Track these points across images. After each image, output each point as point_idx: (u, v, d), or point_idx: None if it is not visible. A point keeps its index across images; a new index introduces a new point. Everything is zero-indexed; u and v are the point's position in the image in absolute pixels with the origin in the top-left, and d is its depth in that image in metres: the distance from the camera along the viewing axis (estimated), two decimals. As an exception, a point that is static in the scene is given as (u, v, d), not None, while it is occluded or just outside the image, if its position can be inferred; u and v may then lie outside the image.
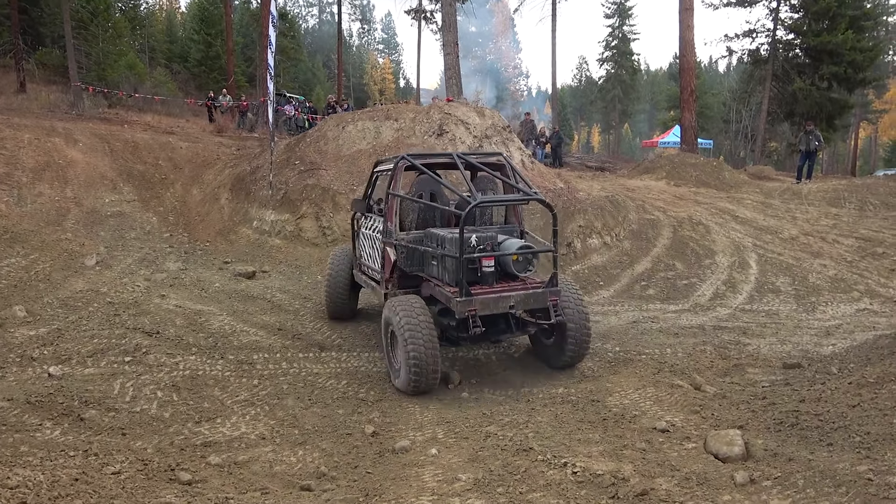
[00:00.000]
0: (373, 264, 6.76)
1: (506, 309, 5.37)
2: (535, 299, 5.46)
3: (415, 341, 5.21)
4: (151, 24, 45.66)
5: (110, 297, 7.75)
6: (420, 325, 5.27)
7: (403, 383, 5.44)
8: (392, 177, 6.13)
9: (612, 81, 52.70)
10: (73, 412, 4.85)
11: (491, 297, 5.32)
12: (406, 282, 6.20)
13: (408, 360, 5.24)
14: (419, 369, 5.24)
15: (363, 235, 7.13)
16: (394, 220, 6.15)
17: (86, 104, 23.13)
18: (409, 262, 6.10)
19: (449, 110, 12.05)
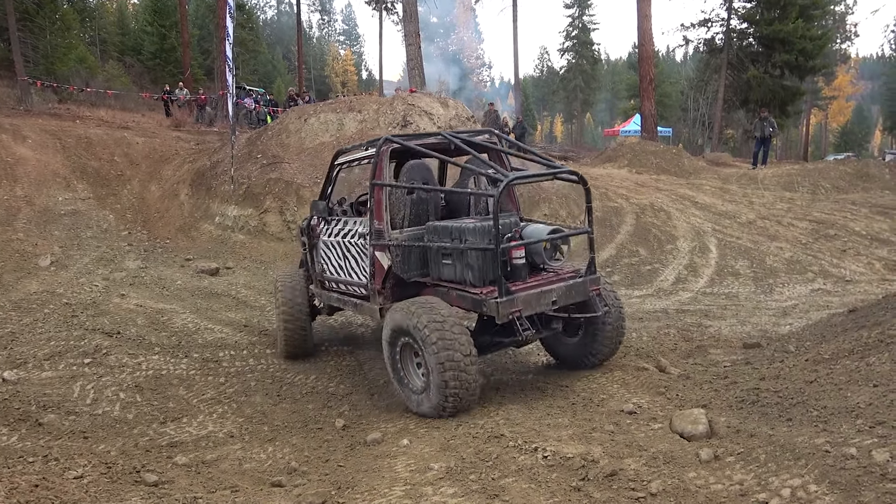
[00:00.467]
0: (350, 277, 5.56)
1: (548, 306, 4.54)
2: (576, 291, 4.70)
3: (451, 352, 4.13)
4: (102, 15, 44.23)
5: (67, 297, 7.53)
6: (453, 329, 4.21)
7: (435, 405, 4.27)
8: (376, 164, 5.02)
9: (573, 71, 53.14)
10: (31, 417, 4.71)
11: (533, 293, 4.44)
12: (402, 291, 5.08)
13: (443, 375, 4.12)
14: (460, 389, 4.16)
15: (326, 245, 5.93)
16: (384, 217, 5.01)
17: (34, 99, 22.31)
18: (406, 267, 5.01)
19: (413, 101, 11.99)
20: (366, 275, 5.26)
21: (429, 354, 4.20)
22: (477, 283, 4.54)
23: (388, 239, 5.01)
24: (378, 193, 5.02)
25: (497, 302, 4.26)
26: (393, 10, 29.92)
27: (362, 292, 5.41)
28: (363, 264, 5.31)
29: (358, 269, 5.42)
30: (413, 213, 5.24)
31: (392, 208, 5.15)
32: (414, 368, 4.60)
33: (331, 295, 6.00)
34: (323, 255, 6.04)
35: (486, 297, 4.36)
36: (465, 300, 4.58)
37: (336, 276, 5.83)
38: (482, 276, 4.52)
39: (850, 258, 10.23)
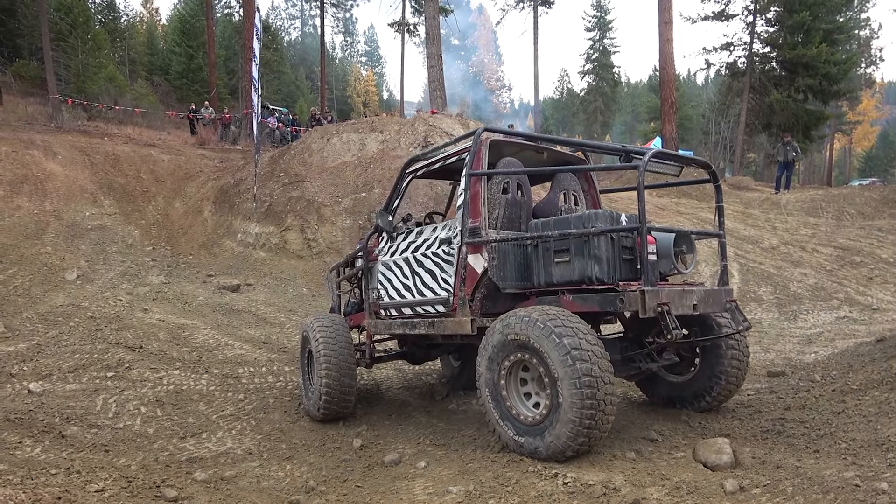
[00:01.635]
0: (423, 295, 4.74)
1: (689, 309, 3.78)
2: (715, 300, 3.99)
3: (590, 373, 3.33)
4: (132, 36, 45.32)
5: (91, 311, 7.64)
6: (587, 342, 3.42)
7: (559, 445, 3.43)
8: (475, 154, 4.33)
9: (593, 94, 53.27)
10: (55, 429, 4.76)
11: (676, 289, 3.72)
12: (493, 305, 4.35)
13: (581, 405, 3.30)
14: (595, 418, 3.35)
15: (387, 265, 5.18)
16: (482, 211, 4.26)
17: (65, 117, 22.87)
18: (504, 273, 4.24)
19: (434, 122, 12.09)
20: (447, 286, 4.48)
21: (562, 369, 3.36)
22: (605, 278, 3.77)
23: (486, 236, 4.23)
24: (475, 185, 4.29)
25: (643, 290, 3.47)
26: (415, 33, 30.34)
27: (440, 309, 4.55)
28: (444, 275, 4.54)
29: (435, 283, 4.62)
30: (506, 216, 4.44)
31: (488, 206, 4.38)
32: (524, 398, 3.79)
33: (391, 323, 5.14)
34: (381, 279, 5.26)
35: (624, 289, 3.58)
36: (587, 301, 3.77)
37: (400, 299, 5.01)
38: (613, 269, 3.79)
39: (876, 286, 10.05)
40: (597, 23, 54.05)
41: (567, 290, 3.90)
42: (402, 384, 6.30)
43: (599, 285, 3.76)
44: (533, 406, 3.71)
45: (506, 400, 3.78)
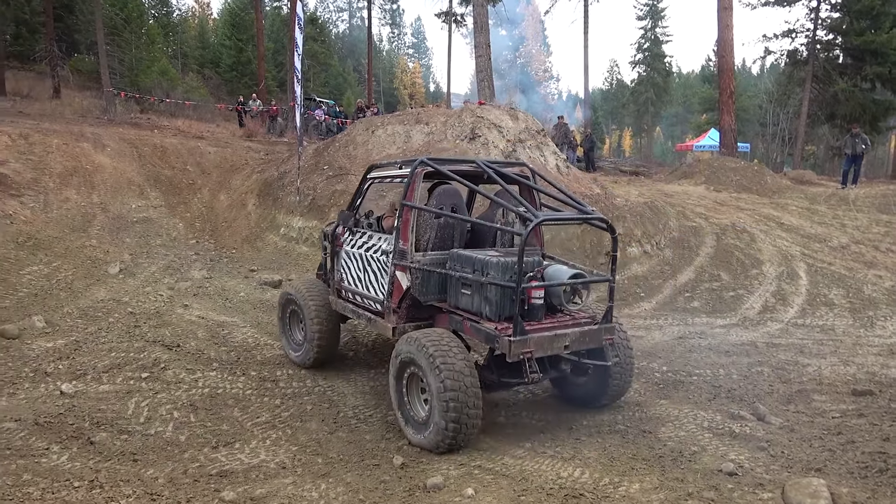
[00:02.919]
0: (367, 291, 5.50)
1: (560, 350, 4.45)
2: (590, 338, 4.58)
3: (455, 388, 4.15)
4: (184, 30, 46.20)
5: (132, 306, 7.52)
6: (461, 367, 4.24)
7: (434, 440, 4.31)
8: (408, 185, 4.98)
9: (644, 84, 51.72)
10: (84, 435, 4.56)
11: (546, 335, 4.36)
12: (416, 313, 5.13)
13: (446, 412, 4.15)
14: (460, 422, 4.17)
15: (348, 255, 5.86)
16: (409, 238, 4.96)
17: (118, 109, 23.28)
18: (424, 290, 4.99)
19: (481, 113, 11.65)
20: (383, 291, 5.25)
21: (436, 390, 4.24)
22: (493, 317, 4.51)
23: (410, 260, 4.98)
24: (407, 214, 4.97)
25: (510, 340, 4.20)
26: (462, 23, 29.82)
27: (377, 308, 5.38)
28: (382, 280, 5.29)
29: (376, 284, 5.39)
30: (438, 237, 5.19)
31: (418, 230, 5.10)
32: (418, 402, 4.66)
33: (346, 305, 5.92)
34: (343, 265, 5.98)
35: (500, 333, 4.32)
36: (479, 333, 4.56)
37: (354, 287, 5.79)
38: (499, 311, 4.50)
39: (965, 291, 9.18)
40: (648, 11, 52.42)
41: (467, 317, 4.67)
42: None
43: (489, 322, 4.48)
44: (423, 407, 4.57)
45: (406, 402, 4.70)
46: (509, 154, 11.42)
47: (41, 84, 27.07)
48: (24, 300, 7.41)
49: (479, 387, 4.29)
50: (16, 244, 8.44)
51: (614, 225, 10.48)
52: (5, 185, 10.35)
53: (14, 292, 7.51)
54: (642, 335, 7.73)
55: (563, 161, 12.59)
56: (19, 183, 10.83)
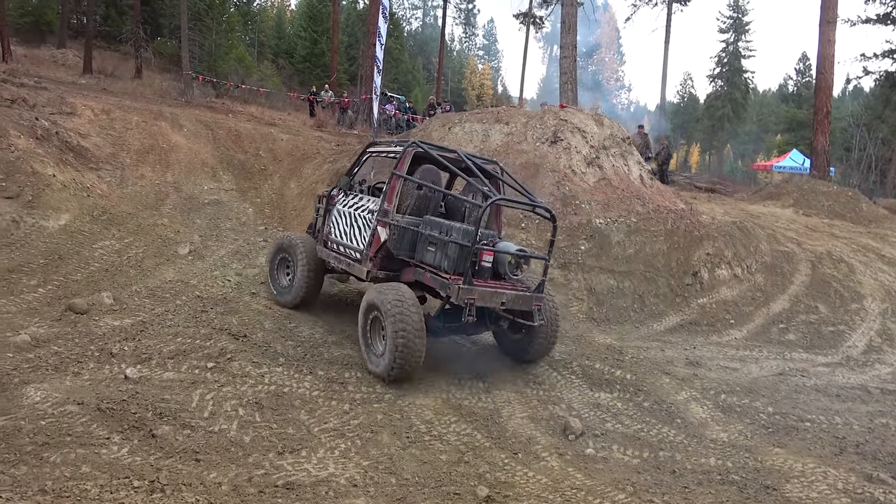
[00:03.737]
0: (350, 242, 6.65)
1: (497, 304, 5.60)
2: (523, 301, 5.73)
3: (404, 328, 5.25)
4: (262, 19, 47.09)
5: (199, 290, 7.29)
6: (410, 312, 5.33)
7: (385, 369, 5.43)
8: (400, 159, 6.20)
9: (721, 99, 49.81)
10: (146, 426, 4.26)
11: (489, 290, 5.53)
12: (389, 264, 6.26)
13: (395, 346, 5.28)
14: (405, 356, 5.30)
15: (339, 212, 6.99)
16: (394, 201, 6.15)
17: (195, 92, 23.73)
18: (398, 245, 6.14)
19: (565, 116, 11.07)
20: (365, 243, 6.35)
21: (389, 330, 5.31)
22: (450, 270, 5.59)
23: (391, 218, 6.09)
24: (395, 182, 6.16)
25: (460, 288, 5.34)
26: (540, 26, 29.19)
27: (357, 256, 6.46)
28: (365, 234, 6.39)
29: (360, 237, 6.49)
30: (416, 205, 6.34)
31: (401, 196, 6.23)
32: (378, 338, 5.67)
33: (330, 253, 6.94)
34: (334, 221, 7.05)
35: (452, 282, 5.42)
36: (436, 281, 5.65)
37: (339, 239, 6.86)
38: (455, 266, 5.57)
39: None
40: (732, 24, 50.51)
41: (429, 269, 5.76)
42: (526, 413, 5.42)
43: (446, 274, 5.56)
44: (383, 341, 5.50)
45: (370, 339, 5.75)
46: (592, 161, 10.82)
47: (125, 64, 27.91)
48: (95, 275, 7.28)
49: (424, 331, 5.37)
50: (91, 217, 8.37)
51: (704, 244, 9.80)
52: (85, 157, 10.42)
53: (86, 266, 7.41)
54: (737, 367, 7.04)
55: (648, 172, 11.89)
56: (98, 157, 10.89)
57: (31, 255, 7.31)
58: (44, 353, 5.24)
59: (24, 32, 29.33)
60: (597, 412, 5.53)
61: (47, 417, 4.16)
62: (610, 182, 10.65)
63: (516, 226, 9.58)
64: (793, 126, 43.50)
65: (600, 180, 10.64)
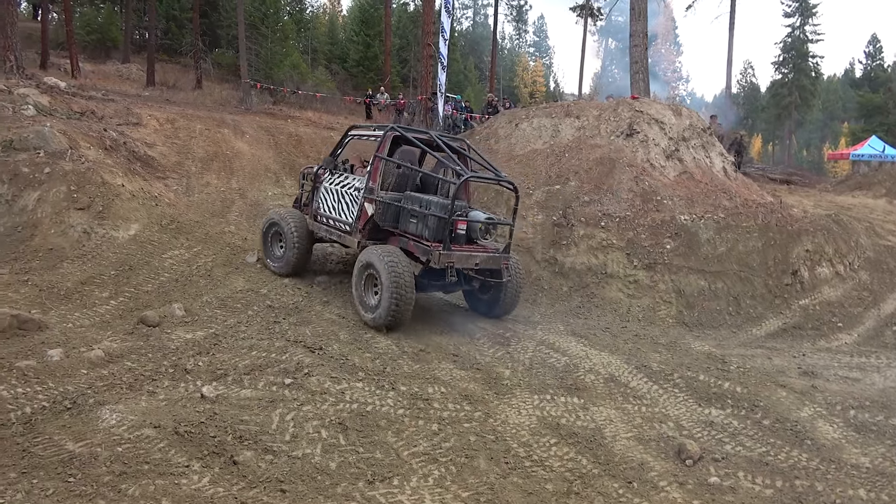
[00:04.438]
0: (340, 216, 7.47)
1: (472, 265, 6.64)
2: (493, 261, 6.79)
3: (399, 282, 6.12)
4: (315, 26, 47.54)
5: (270, 299, 7.03)
6: (403, 269, 6.23)
7: (380, 317, 6.29)
8: (381, 143, 7.08)
9: (788, 87, 47.40)
10: (226, 451, 3.94)
11: (464, 254, 6.58)
12: (376, 234, 7.09)
13: (391, 296, 6.13)
14: (398, 306, 6.16)
15: (326, 190, 7.77)
16: (377, 180, 7.04)
17: (253, 100, 23.91)
18: (384, 218, 6.98)
19: (640, 108, 10.41)
20: (353, 217, 7.24)
21: (385, 283, 6.15)
22: (430, 239, 6.52)
23: (376, 195, 6.97)
24: (377, 163, 7.06)
25: (440, 253, 6.30)
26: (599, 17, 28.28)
27: (346, 228, 7.35)
28: (353, 209, 7.25)
29: (348, 212, 7.34)
30: (397, 182, 7.30)
31: (384, 175, 7.19)
32: (371, 292, 6.54)
33: (320, 226, 7.81)
34: (322, 197, 7.87)
35: (433, 248, 6.36)
36: (418, 248, 6.54)
37: (328, 213, 7.68)
38: (434, 235, 6.50)
39: None
40: (798, 7, 48.02)
41: (412, 238, 6.66)
42: (632, 432, 4.88)
43: (427, 241, 6.49)
44: (375, 296, 6.40)
45: (363, 292, 6.60)
46: (671, 154, 10.13)
47: (185, 76, 28.50)
48: (166, 285, 7.12)
49: (414, 287, 6.28)
50: (160, 226, 8.26)
51: (802, 239, 8.99)
52: (152, 167, 10.39)
53: (156, 276, 7.25)
54: (858, 377, 6.30)
55: (731, 164, 11.09)
56: (164, 166, 10.87)
57: (102, 266, 7.20)
58: (117, 370, 5.03)
59: (90, 49, 30.35)
60: (711, 432, 4.95)
61: (124, 443, 3.89)
62: (692, 175, 9.94)
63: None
64: (869, 112, 41.07)
65: (681, 174, 9.94)
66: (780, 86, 48.67)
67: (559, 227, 9.08)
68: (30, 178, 8.08)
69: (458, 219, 6.56)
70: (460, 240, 6.68)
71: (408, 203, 6.84)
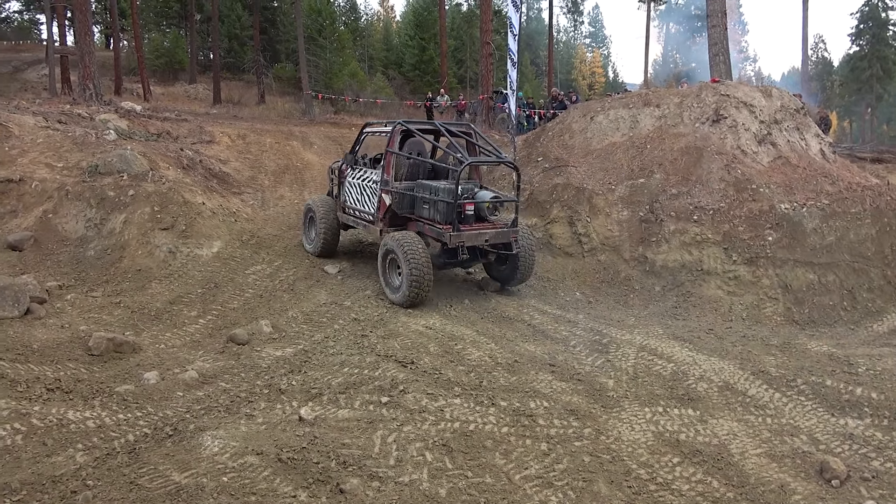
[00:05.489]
0: (363, 208, 8.13)
1: (482, 242, 7.19)
2: (502, 235, 7.28)
3: (416, 264, 6.72)
4: (370, 34, 48.02)
5: (355, 312, 6.88)
6: (419, 252, 6.82)
7: (403, 297, 6.93)
8: (390, 138, 7.59)
9: (868, 59, 44.52)
10: (331, 479, 3.75)
11: (473, 232, 7.12)
12: (396, 221, 7.71)
13: (410, 277, 6.74)
14: (418, 286, 6.80)
15: (350, 184, 8.43)
16: (391, 172, 7.64)
17: (315, 111, 24.21)
18: (400, 206, 7.64)
19: (726, 91, 9.74)
20: (373, 207, 7.85)
21: (405, 266, 6.78)
22: (442, 221, 7.15)
23: (392, 187, 7.60)
24: (388, 157, 7.61)
25: (451, 234, 6.94)
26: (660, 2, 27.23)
27: (370, 218, 8.02)
28: (373, 200, 7.87)
29: (369, 203, 7.98)
30: (409, 172, 7.89)
31: (396, 167, 7.80)
32: (395, 275, 7.10)
33: (348, 217, 8.60)
34: (348, 190, 8.55)
35: (444, 230, 7.01)
36: (433, 231, 7.22)
37: (354, 205, 8.39)
38: (445, 217, 7.11)
39: None
40: (874, -26, 45.00)
41: (426, 222, 7.40)
42: (762, 448, 4.42)
43: (439, 224, 7.19)
44: (398, 277, 7.05)
45: (388, 275, 7.26)
46: (763, 138, 9.45)
47: (249, 91, 29.18)
48: (251, 301, 7.08)
49: (431, 267, 6.88)
50: (240, 242, 8.28)
51: None
52: (228, 183, 10.49)
53: (241, 293, 7.23)
54: None
55: (829, 146, 10.29)
56: (239, 181, 10.97)
57: (189, 284, 7.24)
58: (213, 392, 4.95)
59: (160, 73, 31.52)
60: (853, 446, 4.43)
61: (228, 472, 3.75)
62: (788, 160, 9.23)
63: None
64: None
65: (776, 159, 9.25)
66: (860, 58, 45.78)
67: (647, 223, 8.59)
68: (115, 201, 8.25)
69: (464, 201, 7.11)
70: (469, 220, 7.24)
71: (420, 191, 7.49)
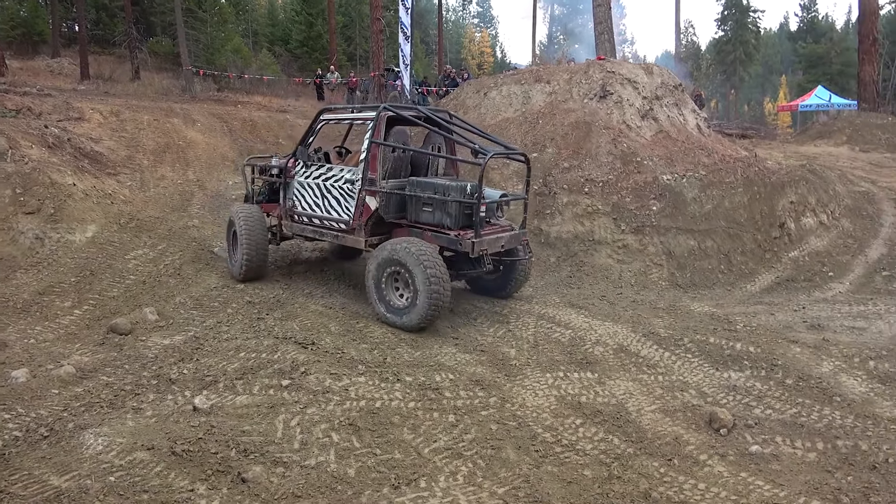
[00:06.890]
0: (330, 214, 6.55)
1: (499, 248, 6.01)
2: (515, 239, 6.26)
3: (437, 278, 5.44)
4: (254, 8, 45.86)
5: (249, 295, 6.56)
6: (438, 263, 5.54)
7: (419, 318, 5.57)
8: (374, 127, 6.10)
9: (732, 43, 48.04)
10: (232, 468, 3.53)
11: (492, 237, 5.93)
12: (378, 228, 6.31)
13: (432, 295, 5.44)
14: (439, 302, 5.50)
15: (303, 185, 6.80)
16: (378, 168, 6.08)
17: (197, 88, 22.86)
18: (388, 210, 6.17)
19: (612, 68, 10.13)
20: (349, 212, 6.33)
21: (422, 281, 5.46)
22: (453, 227, 5.84)
23: (379, 186, 6.07)
24: (374, 149, 6.09)
25: (473, 241, 5.63)
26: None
27: (342, 227, 6.45)
28: (346, 204, 6.36)
29: (340, 208, 6.44)
30: (392, 167, 6.35)
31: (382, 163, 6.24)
32: (396, 292, 5.83)
33: (304, 227, 6.91)
34: (296, 193, 6.90)
35: (461, 237, 5.72)
36: (440, 239, 5.86)
37: (311, 211, 6.75)
38: (458, 222, 5.84)
39: None
40: (737, -37, 48.47)
41: (428, 229, 5.94)
42: (655, 404, 4.65)
43: (448, 230, 5.83)
44: (401, 296, 5.78)
45: (384, 291, 5.85)
46: (646, 113, 9.92)
47: (121, 67, 27.01)
48: (133, 288, 6.56)
49: (450, 280, 5.66)
50: (118, 226, 7.63)
51: (786, 191, 8.90)
52: (101, 163, 9.65)
53: (121, 280, 6.68)
54: (864, 326, 6.22)
55: (704, 121, 10.97)
56: (114, 161, 10.13)
57: (60, 273, 6.59)
58: (94, 386, 4.54)
59: (16, 45, 28.45)
60: (736, 396, 4.75)
61: (115, 471, 3.43)
62: (668, 134, 9.77)
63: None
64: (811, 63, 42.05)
65: (658, 133, 9.75)
66: (725, 42, 49.30)
67: (541, 196, 8.79)
68: (-34, 183, 7.34)
69: (484, 202, 5.73)
70: (482, 223, 5.82)
71: (416, 190, 6.04)
